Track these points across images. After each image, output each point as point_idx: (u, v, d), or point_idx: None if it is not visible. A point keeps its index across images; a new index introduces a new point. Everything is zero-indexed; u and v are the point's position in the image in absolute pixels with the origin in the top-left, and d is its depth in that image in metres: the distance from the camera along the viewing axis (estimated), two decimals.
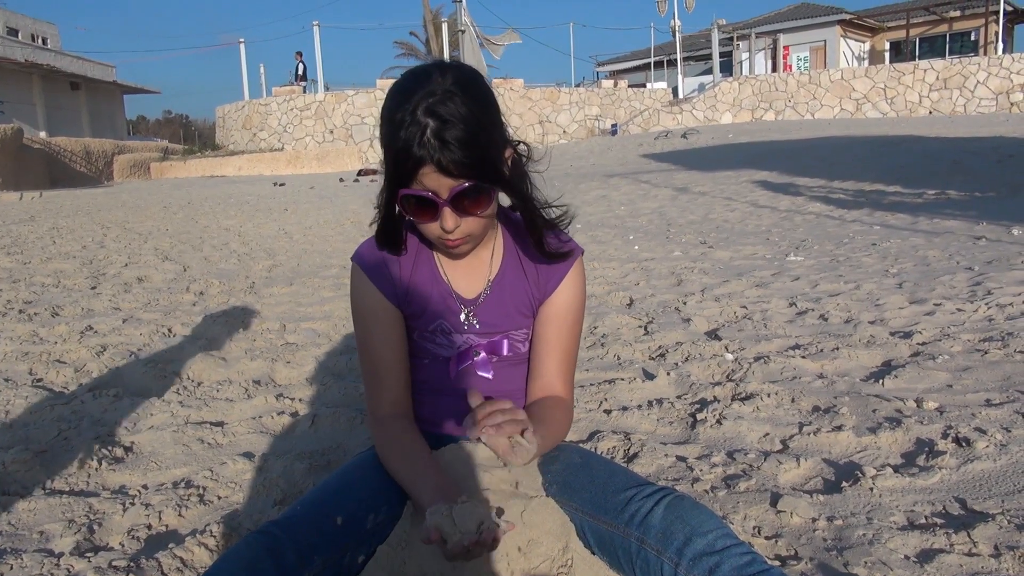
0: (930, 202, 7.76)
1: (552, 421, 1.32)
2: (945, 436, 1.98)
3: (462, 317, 1.35)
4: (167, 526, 1.71)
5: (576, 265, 1.37)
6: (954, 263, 4.61)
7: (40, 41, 30.80)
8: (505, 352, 1.38)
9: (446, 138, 1.08)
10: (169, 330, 3.61)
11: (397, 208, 1.20)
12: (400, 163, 1.12)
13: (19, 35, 29.18)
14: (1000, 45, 26.10)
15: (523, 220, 1.30)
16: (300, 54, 26.27)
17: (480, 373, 1.37)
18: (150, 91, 36.04)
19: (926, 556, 1.43)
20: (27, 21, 30.82)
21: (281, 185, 16.22)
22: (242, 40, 26.34)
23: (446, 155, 1.09)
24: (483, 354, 1.36)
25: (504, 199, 1.29)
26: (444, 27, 26.68)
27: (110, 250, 6.66)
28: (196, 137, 42.83)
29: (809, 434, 2.06)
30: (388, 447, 1.29)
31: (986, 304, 3.42)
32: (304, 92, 24.46)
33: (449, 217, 1.16)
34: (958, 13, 28.96)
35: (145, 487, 1.92)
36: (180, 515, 1.74)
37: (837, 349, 2.87)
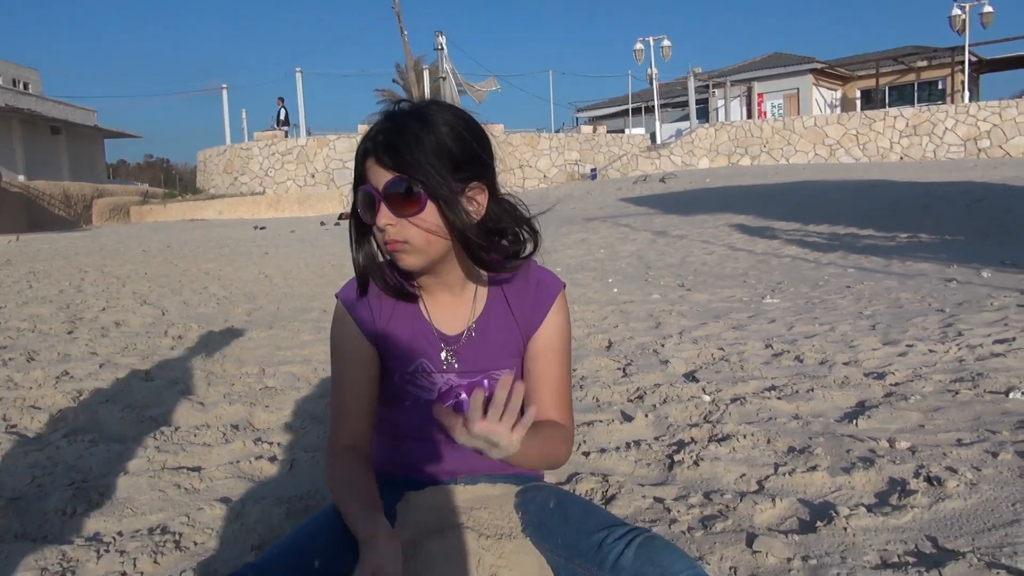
0: (903, 245, 7.92)
1: (546, 435, 1.32)
2: (917, 475, 2.01)
3: (442, 356, 1.35)
4: (142, 573, 1.69)
5: (559, 298, 1.40)
6: (926, 305, 4.70)
7: (21, 86, 30.83)
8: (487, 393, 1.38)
9: (389, 136, 1.16)
10: (147, 374, 3.59)
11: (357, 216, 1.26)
12: (356, 160, 1.22)
13: None
14: (967, 93, 26.86)
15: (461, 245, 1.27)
16: (282, 99, 26.48)
17: (463, 410, 1.37)
18: (131, 135, 36.06)
19: None
20: (8, 66, 30.89)
21: (262, 229, 16.23)
22: (225, 86, 26.53)
23: (384, 148, 1.16)
24: (464, 395, 1.37)
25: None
26: (425, 74, 27.07)
27: (87, 294, 6.62)
28: (177, 181, 42.83)
29: (784, 474, 2.09)
30: (338, 478, 1.31)
31: (957, 345, 3.49)
32: (286, 137, 24.61)
33: (383, 213, 1.19)
34: (925, 63, 29.86)
35: (120, 534, 1.90)
36: (155, 562, 1.73)
37: (812, 390, 2.92)
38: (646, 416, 2.69)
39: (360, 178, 1.22)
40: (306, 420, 2.84)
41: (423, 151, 1.16)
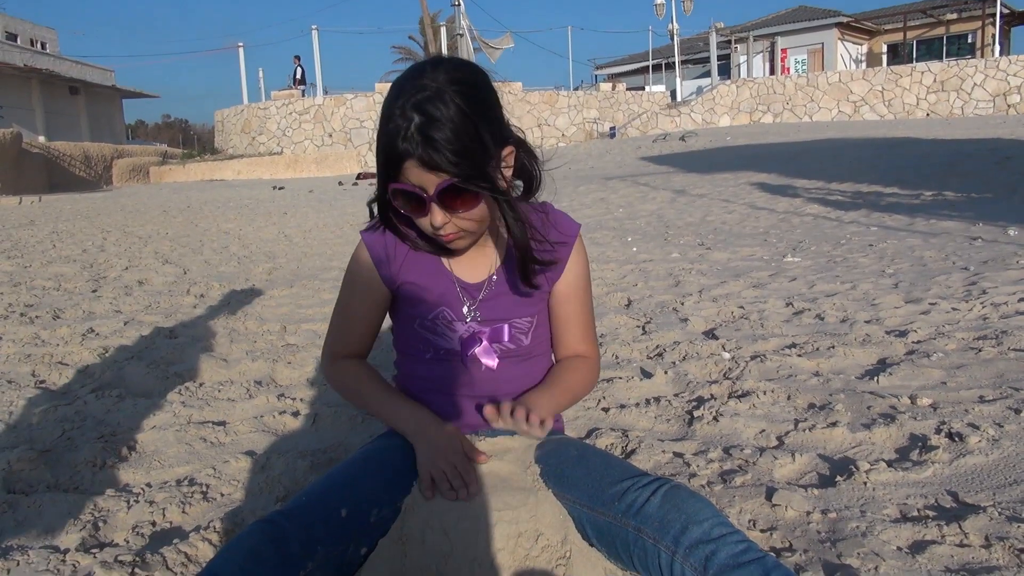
0: (927, 203, 7.79)
1: (575, 371, 1.44)
2: (938, 431, 2.01)
3: (464, 308, 1.36)
4: (171, 522, 1.73)
5: (578, 241, 1.42)
6: (950, 263, 4.64)
7: (39, 45, 30.85)
8: (506, 339, 1.39)
9: (428, 133, 1.10)
10: (170, 332, 3.63)
11: (389, 203, 1.24)
12: (387, 156, 1.15)
13: (18, 40, 29.23)
14: (997, 47, 26.18)
15: (511, 238, 1.29)
16: (298, 58, 26.38)
17: (484, 360, 1.38)
18: (149, 95, 36.10)
19: (918, 547, 1.45)
20: (26, 26, 30.88)
21: (280, 189, 16.26)
22: (241, 44, 26.42)
23: (427, 150, 1.10)
24: (485, 342, 1.38)
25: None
26: (442, 31, 26.75)
27: (110, 254, 6.69)
28: (195, 141, 42.89)
29: (804, 430, 2.09)
30: (350, 375, 1.40)
31: (981, 303, 3.45)
32: (303, 96, 24.51)
33: (437, 213, 1.17)
34: (955, 16, 29.05)
35: (149, 485, 1.95)
36: (184, 512, 1.77)
37: (833, 348, 2.90)
38: (666, 373, 2.70)
39: (394, 174, 1.16)
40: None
41: (468, 146, 1.12)
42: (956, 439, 1.94)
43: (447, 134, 1.10)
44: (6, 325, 3.81)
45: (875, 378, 2.53)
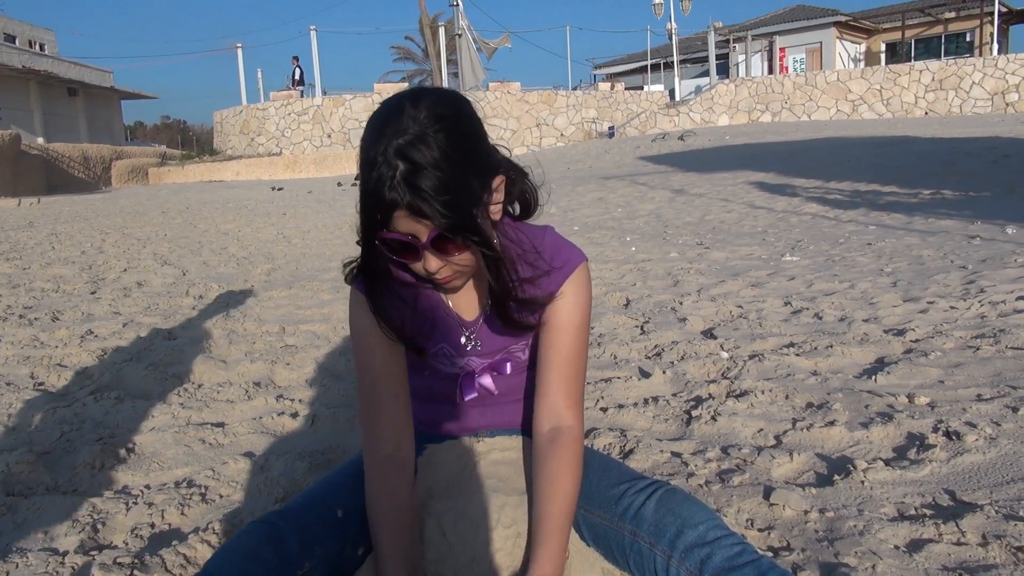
0: (925, 202, 7.80)
1: (560, 478, 1.24)
2: (936, 430, 2.01)
3: (463, 340, 1.33)
4: (170, 524, 1.73)
5: (578, 271, 1.29)
6: (948, 262, 4.65)
7: (37, 47, 30.83)
8: (508, 372, 1.36)
9: (416, 183, 1.03)
10: (169, 333, 3.64)
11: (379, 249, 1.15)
12: (373, 204, 1.07)
13: (16, 41, 29.21)
14: (995, 46, 26.18)
15: (490, 279, 1.20)
16: (297, 58, 26.39)
17: (487, 387, 1.36)
18: (148, 96, 36.12)
19: (915, 546, 1.45)
20: (24, 27, 30.86)
21: (279, 189, 16.26)
22: (240, 45, 26.41)
23: (417, 200, 1.04)
24: (487, 376, 1.35)
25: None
26: (441, 31, 26.75)
27: (109, 255, 6.69)
28: (194, 142, 42.87)
29: (802, 429, 2.09)
30: (381, 502, 1.23)
31: (979, 302, 3.45)
32: (302, 96, 24.51)
33: (431, 259, 1.11)
34: (953, 15, 29.06)
35: (148, 487, 1.95)
36: (183, 513, 1.77)
37: (831, 347, 2.90)
38: (664, 373, 2.70)
39: (382, 221, 1.08)
40: (327, 377, 2.87)
41: (456, 194, 1.06)
42: (954, 438, 1.94)
43: (434, 182, 1.04)
44: (5, 327, 3.81)
45: (873, 377, 2.53)
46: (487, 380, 1.35)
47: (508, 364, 1.35)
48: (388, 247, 1.12)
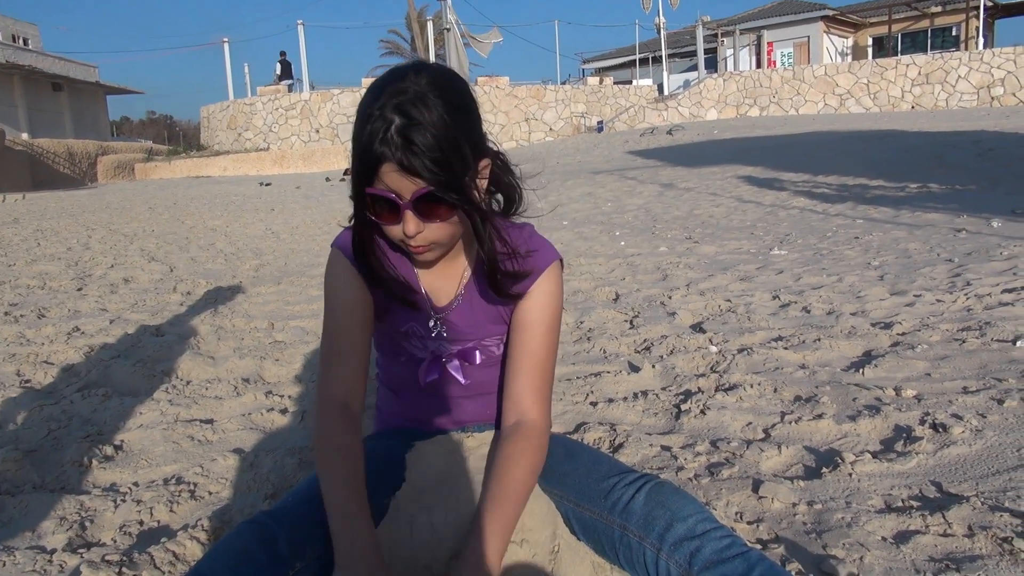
0: (912, 195, 7.84)
1: (516, 465, 1.22)
2: (923, 422, 2.02)
3: (430, 323, 1.34)
4: (159, 521, 1.73)
5: (550, 270, 1.30)
6: (935, 255, 4.68)
7: (21, 41, 30.49)
8: (478, 361, 1.36)
9: (409, 137, 1.04)
10: (157, 330, 3.62)
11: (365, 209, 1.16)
12: (363, 158, 1.08)
13: None
14: (981, 40, 26.33)
15: (481, 252, 1.22)
16: (284, 53, 26.20)
17: (454, 374, 1.36)
18: (133, 91, 35.77)
19: (902, 537, 1.47)
20: (7, 22, 30.51)
21: (267, 185, 16.17)
22: (226, 39, 26.21)
23: (408, 155, 1.05)
24: (456, 361, 1.36)
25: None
26: (429, 25, 26.65)
27: (95, 251, 6.64)
28: (180, 137, 42.58)
29: (791, 423, 2.11)
30: (325, 456, 1.21)
31: (965, 295, 3.48)
32: (289, 91, 24.37)
33: (411, 221, 1.11)
34: (939, 9, 29.22)
35: (136, 484, 1.94)
36: (171, 511, 1.76)
37: (819, 340, 2.92)
38: (653, 367, 2.71)
39: (370, 177, 1.09)
40: (315, 373, 2.86)
41: (448, 154, 1.06)
42: (940, 430, 1.96)
43: (428, 139, 1.05)
44: None
45: (860, 370, 2.54)
46: (455, 366, 1.35)
47: (477, 352, 1.35)
48: (371, 206, 1.13)
